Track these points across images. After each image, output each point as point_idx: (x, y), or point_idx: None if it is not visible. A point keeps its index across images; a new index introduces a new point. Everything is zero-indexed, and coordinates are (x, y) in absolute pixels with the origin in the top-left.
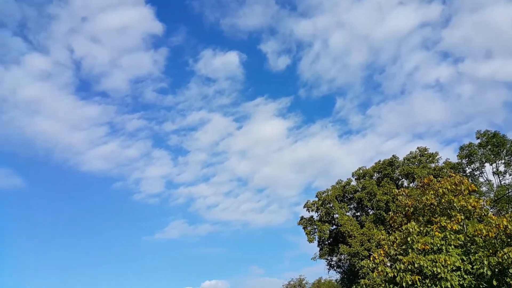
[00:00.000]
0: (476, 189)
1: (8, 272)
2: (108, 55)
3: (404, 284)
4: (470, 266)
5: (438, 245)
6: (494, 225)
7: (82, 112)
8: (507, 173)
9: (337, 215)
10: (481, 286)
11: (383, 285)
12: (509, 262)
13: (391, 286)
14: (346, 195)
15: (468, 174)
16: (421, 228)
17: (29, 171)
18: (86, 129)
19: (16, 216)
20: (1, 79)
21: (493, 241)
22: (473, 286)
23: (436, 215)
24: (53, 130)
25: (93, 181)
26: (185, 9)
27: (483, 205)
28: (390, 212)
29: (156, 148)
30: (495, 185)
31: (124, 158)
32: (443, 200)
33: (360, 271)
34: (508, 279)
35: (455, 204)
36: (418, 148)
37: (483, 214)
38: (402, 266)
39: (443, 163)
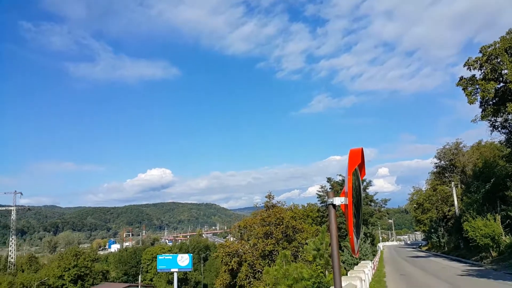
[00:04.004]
0: None
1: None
2: None
3: None
4: None
5: None
6: None
7: None
8: None
9: (506, 71)
10: None
11: None
12: None
13: None
14: None
15: None
16: None
17: (183, 60)
18: (224, 12)
19: (177, 102)
20: None
21: None
22: None
23: None
24: (196, 17)
25: (238, 63)
26: None
27: None
28: None
29: (293, 22)
30: None
31: (263, 37)
32: None
33: None
34: None
35: None
36: None
37: None
38: None
39: None
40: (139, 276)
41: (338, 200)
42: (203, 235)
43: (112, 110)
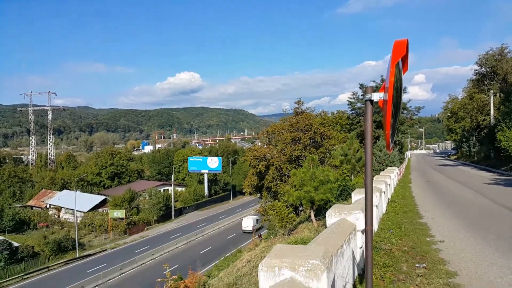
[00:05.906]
0: None
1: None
2: None
3: None
4: None
5: None
6: None
7: None
8: None
9: None
10: None
11: None
12: None
13: None
14: None
15: None
16: None
17: None
18: None
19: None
20: None
21: None
22: None
23: None
24: None
25: None
26: None
27: None
28: None
29: None
30: None
31: None
32: None
33: None
34: None
35: None
36: None
37: None
38: None
39: None
40: (172, 176)
41: (376, 96)
42: (232, 140)
43: (139, 11)
